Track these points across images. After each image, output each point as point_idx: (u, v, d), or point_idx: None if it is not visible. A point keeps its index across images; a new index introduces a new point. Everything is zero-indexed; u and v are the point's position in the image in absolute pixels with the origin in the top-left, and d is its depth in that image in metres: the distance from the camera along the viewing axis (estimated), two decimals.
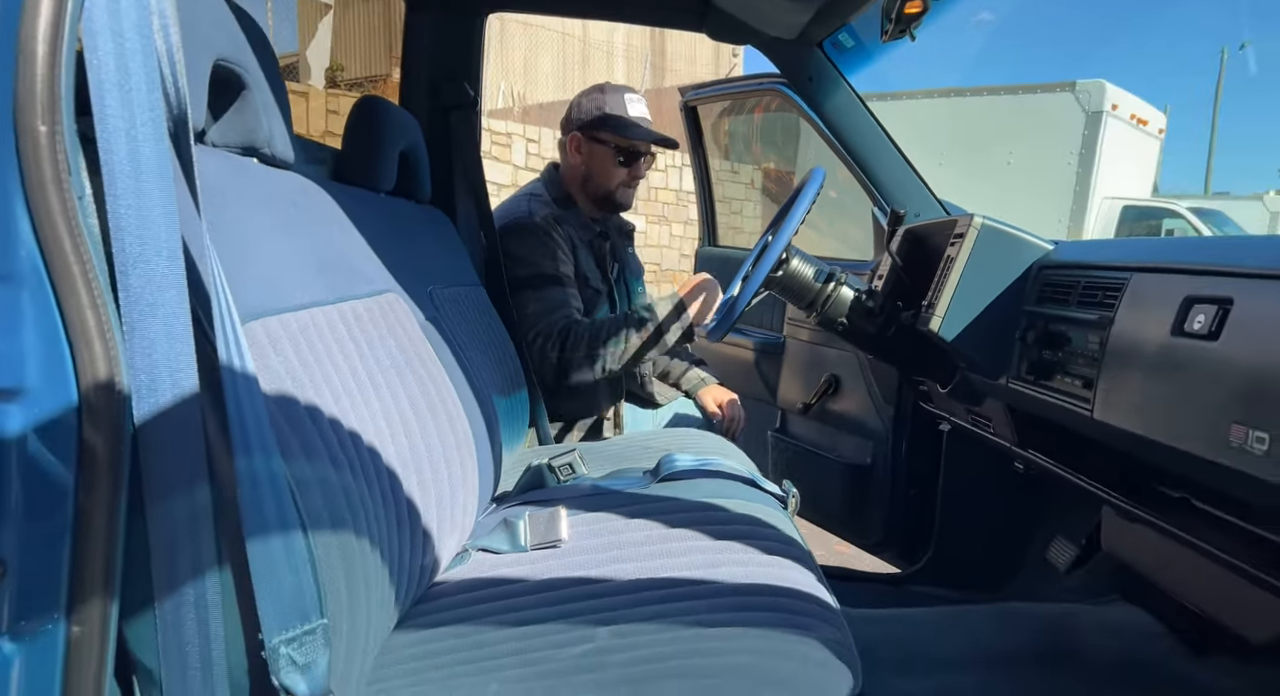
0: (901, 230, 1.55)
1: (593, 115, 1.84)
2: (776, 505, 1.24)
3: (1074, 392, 1.08)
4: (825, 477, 2.10)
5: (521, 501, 1.30)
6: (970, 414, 1.54)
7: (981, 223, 1.30)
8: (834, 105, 1.81)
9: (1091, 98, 9.79)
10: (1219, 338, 0.79)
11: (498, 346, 1.65)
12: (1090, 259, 1.15)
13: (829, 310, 1.51)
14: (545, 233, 1.78)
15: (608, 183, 1.85)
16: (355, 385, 0.93)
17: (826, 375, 2.13)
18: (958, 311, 1.30)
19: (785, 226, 1.42)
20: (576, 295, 1.79)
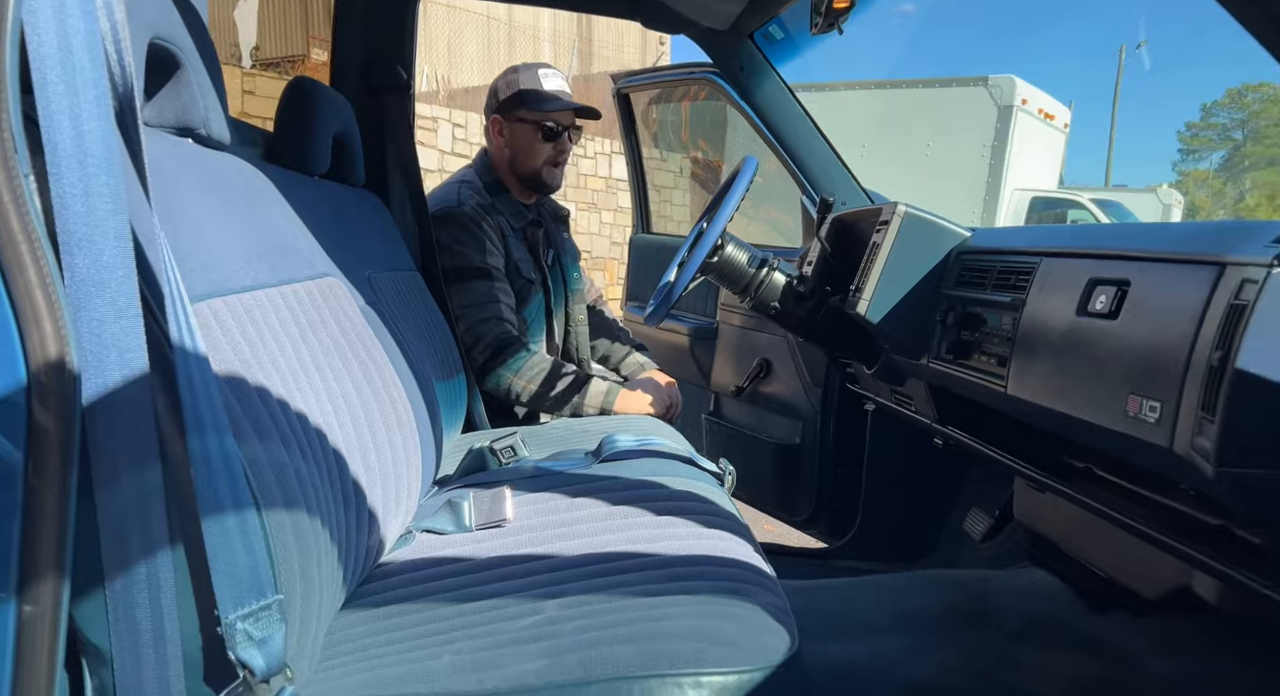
0: (830, 217, 1.62)
1: (508, 94, 1.84)
2: (714, 482, 1.29)
3: (989, 370, 1.16)
4: (757, 457, 2.17)
5: (464, 484, 1.31)
6: (894, 393, 1.62)
7: (905, 211, 1.37)
8: (764, 95, 1.86)
9: (1003, 92, 10.18)
10: (1118, 316, 0.87)
11: (435, 332, 1.65)
12: (1004, 245, 1.23)
13: (762, 295, 1.56)
14: (474, 223, 1.78)
15: (533, 162, 1.84)
16: (300, 367, 0.93)
17: (758, 359, 2.19)
18: (883, 295, 1.37)
19: (720, 213, 1.46)
20: (506, 289, 1.79)
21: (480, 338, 1.73)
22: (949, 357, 1.28)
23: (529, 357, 1.72)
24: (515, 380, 1.71)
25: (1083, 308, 0.94)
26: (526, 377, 1.71)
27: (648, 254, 2.74)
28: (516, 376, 1.71)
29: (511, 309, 1.80)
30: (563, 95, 1.82)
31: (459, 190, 1.84)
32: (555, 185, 1.89)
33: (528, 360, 1.72)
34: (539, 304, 1.89)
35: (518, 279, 1.84)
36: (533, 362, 1.72)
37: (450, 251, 1.76)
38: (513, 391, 1.72)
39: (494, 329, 1.73)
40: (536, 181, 1.86)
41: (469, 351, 1.74)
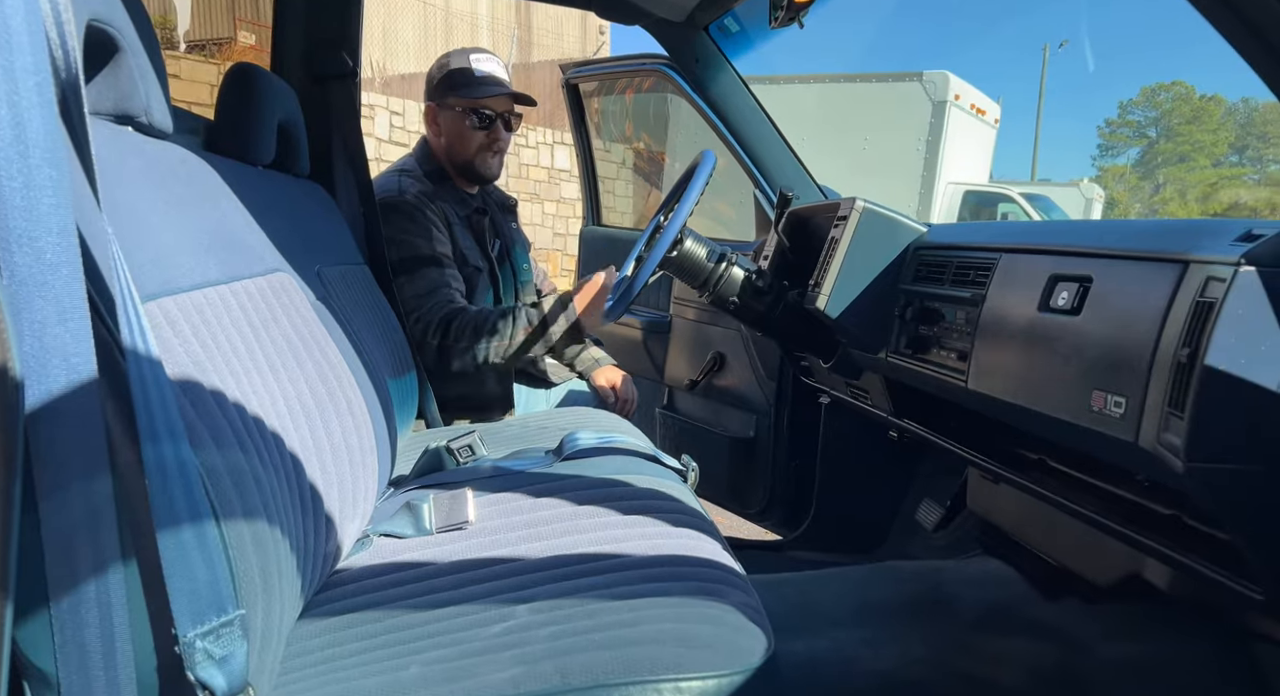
0: (787, 212, 1.62)
1: (440, 81, 1.79)
2: (678, 479, 1.28)
3: (949, 365, 1.17)
4: (712, 451, 2.17)
5: (420, 484, 1.28)
6: (849, 387, 1.63)
7: (864, 206, 1.38)
8: (719, 88, 1.85)
9: (937, 88, 10.41)
10: (1080, 313, 0.89)
11: (385, 327, 1.61)
12: (961, 240, 1.25)
13: (721, 289, 1.56)
14: (417, 211, 1.72)
15: (466, 150, 1.79)
16: (254, 368, 0.88)
17: (712, 352, 2.19)
18: (842, 290, 1.37)
19: (680, 208, 1.45)
20: (456, 275, 1.75)
21: (429, 323, 1.67)
22: (907, 352, 1.30)
23: (469, 313, 1.65)
24: (476, 345, 1.63)
25: (1044, 303, 0.96)
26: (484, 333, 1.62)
27: (598, 247, 2.71)
28: (470, 342, 1.63)
29: (462, 295, 1.76)
30: (495, 80, 1.77)
31: (399, 179, 1.79)
32: (492, 174, 1.83)
33: (468, 316, 1.64)
34: (488, 294, 1.85)
35: (465, 267, 1.79)
36: (477, 317, 1.64)
37: (396, 243, 1.71)
38: (480, 357, 1.64)
39: (441, 311, 1.68)
40: (471, 170, 1.81)
41: (421, 342, 1.68)
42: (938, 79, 10.36)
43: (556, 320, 1.66)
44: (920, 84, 10.42)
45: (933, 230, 1.37)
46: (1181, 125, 56.97)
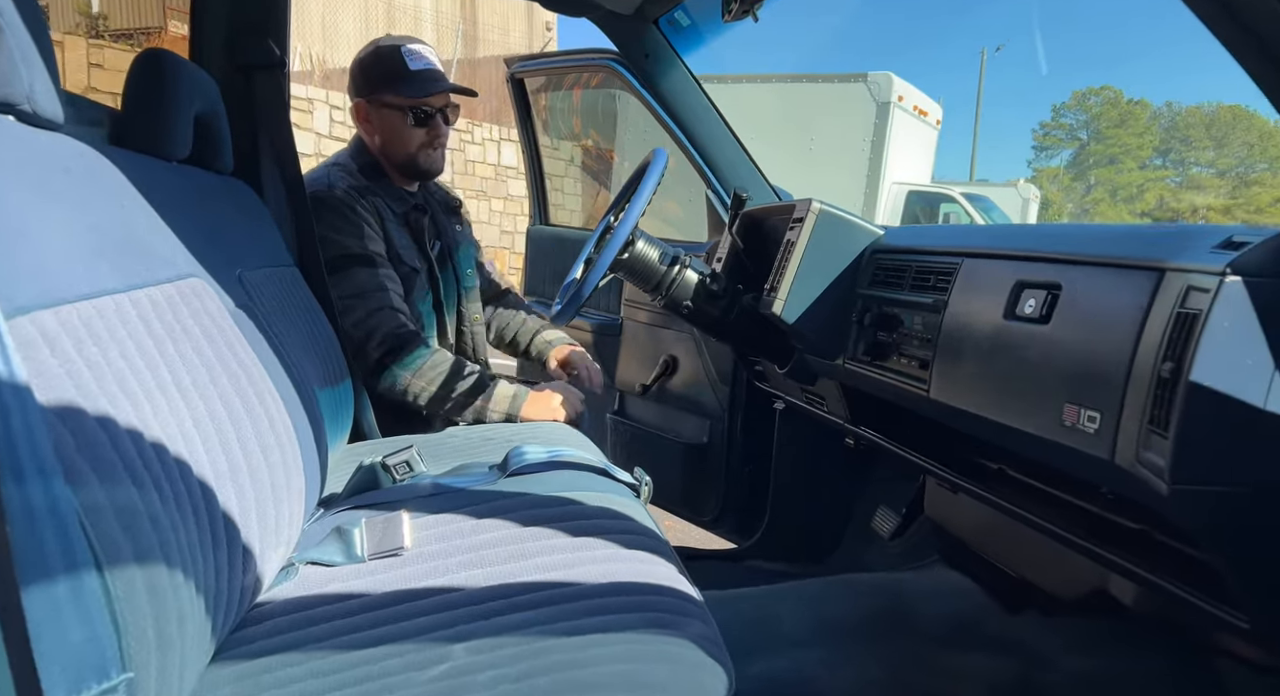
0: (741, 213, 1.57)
1: (370, 77, 1.69)
2: (630, 494, 1.22)
3: (910, 373, 1.13)
4: (664, 457, 2.11)
5: (353, 505, 1.19)
6: (804, 392, 1.59)
7: (820, 208, 1.33)
8: (669, 84, 1.79)
9: (881, 89, 10.54)
10: (1049, 321, 0.85)
11: (317, 333, 1.51)
12: (920, 244, 1.21)
13: (674, 293, 1.50)
14: (347, 206, 1.63)
15: (405, 149, 1.69)
16: (157, 388, 0.79)
17: (664, 356, 2.14)
18: (798, 295, 1.33)
19: (631, 208, 1.39)
20: (392, 275, 1.65)
21: (373, 332, 1.59)
22: (866, 359, 1.25)
23: (428, 355, 1.60)
24: (413, 380, 1.58)
25: (1010, 311, 0.92)
26: (426, 378, 1.59)
27: (546, 246, 2.63)
28: (414, 376, 1.58)
29: (401, 298, 1.66)
30: (433, 75, 1.67)
31: (329, 173, 1.69)
32: (435, 169, 1.74)
33: (427, 358, 1.59)
34: (426, 297, 1.76)
35: (400, 266, 1.69)
36: (433, 362, 1.59)
37: (325, 240, 1.61)
38: (409, 392, 1.59)
39: (389, 322, 1.59)
40: (413, 168, 1.71)
41: (360, 348, 1.59)
42: (881, 80, 10.49)
43: (500, 406, 1.61)
44: (865, 85, 10.53)
45: (889, 233, 1.33)
46: (1110, 128, 59.14)
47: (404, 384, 1.58)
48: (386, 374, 1.59)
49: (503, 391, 1.61)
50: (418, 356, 1.59)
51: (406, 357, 1.58)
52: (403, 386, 1.59)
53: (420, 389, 1.58)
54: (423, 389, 1.58)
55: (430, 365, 1.59)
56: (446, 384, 1.58)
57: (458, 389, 1.59)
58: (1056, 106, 63.55)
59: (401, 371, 1.58)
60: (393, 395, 1.61)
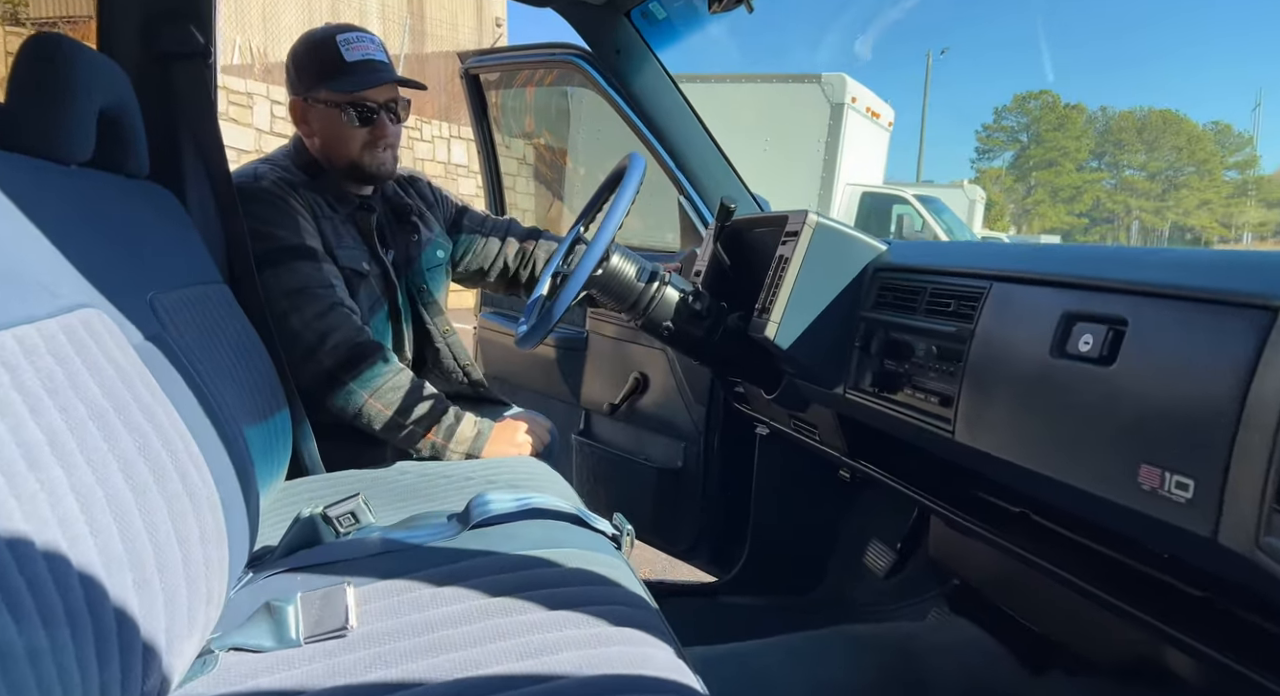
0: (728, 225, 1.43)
1: (303, 72, 1.51)
2: (609, 546, 1.07)
3: (927, 410, 1.00)
4: (634, 482, 1.97)
5: (289, 567, 1.02)
6: (794, 420, 1.46)
7: (817, 221, 1.20)
8: (641, 82, 1.65)
9: (834, 90, 10.55)
10: (1114, 362, 0.73)
11: (249, 359, 1.33)
12: (933, 262, 1.09)
13: (653, 313, 1.35)
14: (277, 197, 1.44)
15: (348, 150, 1.51)
16: (24, 459, 0.62)
17: (634, 373, 1.99)
18: (794, 317, 1.20)
19: (609, 219, 1.24)
20: (335, 272, 1.47)
21: (327, 334, 1.40)
22: (871, 390, 1.13)
23: (389, 373, 1.42)
24: (370, 401, 1.41)
25: (1059, 347, 0.80)
26: (384, 400, 1.41)
27: None
28: (373, 395, 1.40)
29: (346, 294, 1.49)
30: (370, 66, 1.48)
31: (257, 167, 1.50)
32: (385, 171, 1.54)
33: (388, 377, 1.41)
34: (382, 307, 1.58)
35: (340, 270, 1.50)
36: (394, 382, 1.42)
37: (256, 234, 1.42)
38: (364, 415, 1.41)
39: (345, 325, 1.41)
40: (359, 171, 1.53)
41: (311, 352, 1.40)
42: (835, 81, 10.50)
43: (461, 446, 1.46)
44: (819, 86, 10.54)
45: (894, 248, 1.21)
46: (1049, 131, 60.86)
47: (359, 404, 1.41)
48: (341, 390, 1.41)
49: (465, 429, 1.44)
50: (378, 372, 1.41)
51: (366, 372, 1.41)
52: (357, 406, 1.41)
53: (376, 412, 1.41)
54: (378, 412, 1.41)
55: (391, 385, 1.41)
56: (405, 410, 1.41)
57: (417, 418, 1.42)
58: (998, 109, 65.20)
59: (359, 388, 1.40)
60: (343, 415, 1.43)
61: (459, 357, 1.68)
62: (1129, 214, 62.57)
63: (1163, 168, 61.86)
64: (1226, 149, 61.48)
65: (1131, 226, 64.28)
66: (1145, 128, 61.76)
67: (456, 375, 1.69)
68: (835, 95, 10.44)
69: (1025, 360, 0.84)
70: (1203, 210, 61.07)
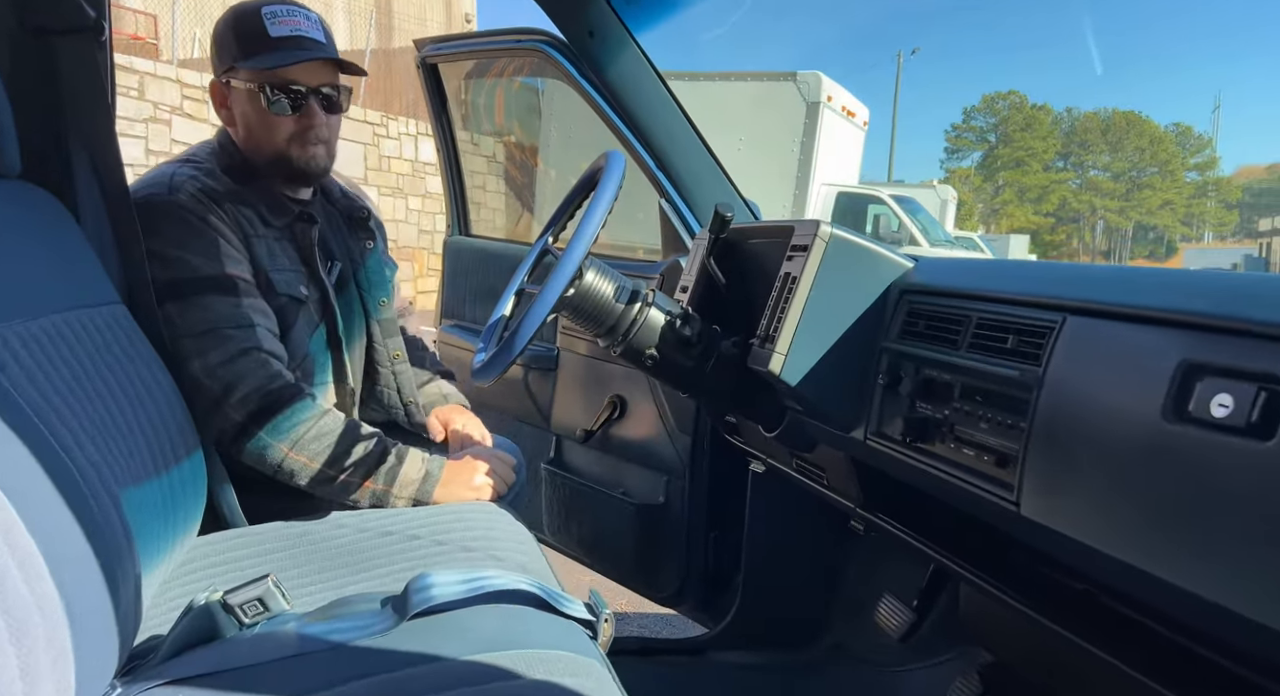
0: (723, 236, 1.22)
1: (224, 48, 1.28)
2: (583, 638, 0.87)
3: (980, 471, 0.81)
4: (611, 519, 1.76)
5: (172, 677, 0.80)
6: (797, 460, 1.26)
7: (831, 233, 1.00)
8: (618, 71, 1.44)
9: (810, 88, 10.42)
10: (1272, 436, 0.53)
11: (149, 393, 1.11)
12: (974, 285, 0.89)
13: (635, 340, 1.15)
14: (194, 215, 1.21)
15: (271, 140, 1.28)
16: None
17: (610, 396, 1.78)
18: (803, 348, 1.00)
19: (582, 230, 1.03)
20: (262, 308, 1.24)
21: (234, 384, 1.18)
22: (898, 438, 0.93)
23: (311, 419, 1.20)
24: (290, 453, 1.19)
25: (1178, 409, 0.60)
26: (307, 451, 1.19)
27: (466, 261, 2.25)
28: (293, 448, 1.19)
29: (276, 337, 1.26)
30: (298, 42, 1.26)
31: (174, 171, 1.27)
32: (315, 169, 1.31)
33: (310, 424, 1.19)
34: (319, 333, 1.36)
35: (275, 296, 1.29)
36: (318, 428, 1.20)
37: (164, 260, 1.19)
38: (285, 467, 1.19)
39: (257, 372, 1.19)
40: (287, 167, 1.30)
41: (216, 405, 1.18)
42: (811, 80, 10.38)
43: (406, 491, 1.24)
44: (794, 84, 10.40)
45: (921, 266, 1.01)
46: (1016, 132, 61.65)
47: (277, 457, 1.19)
48: (253, 442, 1.19)
49: (409, 471, 1.23)
50: (296, 420, 1.19)
51: (282, 421, 1.19)
52: (275, 460, 1.19)
53: (300, 466, 1.19)
54: (303, 466, 1.19)
55: (314, 433, 1.19)
56: (335, 459, 1.20)
57: (350, 466, 1.20)
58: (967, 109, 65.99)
59: (274, 440, 1.18)
60: (262, 468, 1.21)
61: (403, 391, 1.47)
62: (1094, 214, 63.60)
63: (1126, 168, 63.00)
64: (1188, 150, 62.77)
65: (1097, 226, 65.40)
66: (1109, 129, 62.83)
67: (397, 411, 1.48)
68: (811, 93, 10.31)
69: (1124, 421, 0.64)
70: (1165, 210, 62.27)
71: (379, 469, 1.20)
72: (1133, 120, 62.83)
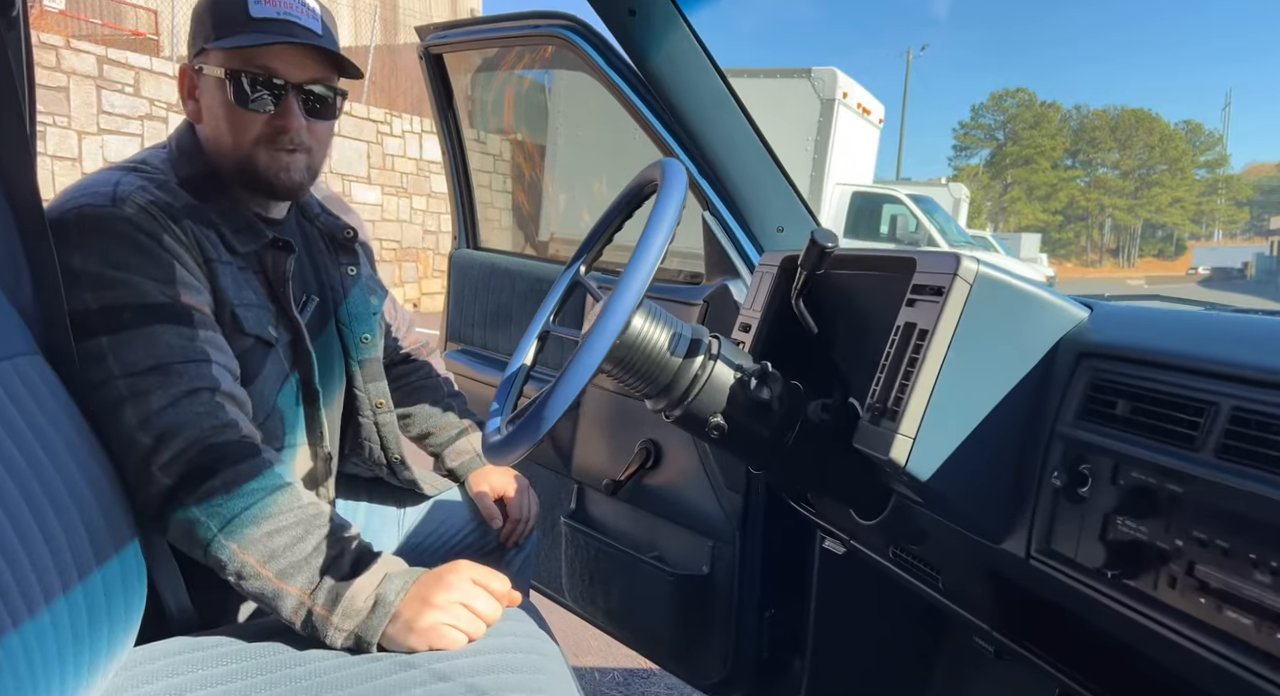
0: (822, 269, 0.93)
1: (199, 30, 1.03)
2: None
3: (1233, 635, 0.54)
4: (645, 589, 1.50)
5: None
6: (896, 552, 0.99)
7: (977, 271, 0.74)
8: (665, 57, 1.17)
9: (825, 85, 10.16)
10: None
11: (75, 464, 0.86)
12: (1204, 354, 0.62)
13: (696, 403, 0.88)
14: (138, 229, 0.94)
15: (235, 141, 1.02)
16: None
17: (642, 441, 1.52)
18: (939, 429, 0.73)
19: (636, 267, 0.77)
20: (218, 343, 0.97)
21: (167, 436, 0.90)
22: (1098, 571, 0.66)
23: (260, 491, 0.91)
24: (221, 535, 0.88)
25: None
26: (242, 538, 0.88)
27: (475, 278, 1.98)
28: (224, 529, 0.88)
29: (235, 378, 0.99)
30: (284, 26, 1.01)
31: (118, 179, 0.99)
32: (284, 183, 1.05)
33: (255, 497, 0.90)
34: (290, 384, 1.10)
35: (242, 338, 1.03)
36: (264, 506, 0.90)
37: (96, 283, 0.92)
38: (213, 554, 0.89)
39: (200, 421, 0.91)
40: (251, 176, 1.03)
41: (144, 463, 0.90)
42: (826, 76, 10.12)
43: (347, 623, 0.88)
44: (809, 81, 10.14)
45: (1099, 316, 0.75)
46: (1024, 130, 61.29)
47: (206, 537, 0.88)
48: (180, 514, 0.90)
49: (355, 600, 0.88)
50: (241, 489, 0.90)
51: (220, 488, 0.89)
52: (204, 541, 0.88)
53: (229, 555, 0.89)
54: (231, 555, 0.89)
55: (259, 513, 0.89)
56: (275, 555, 0.90)
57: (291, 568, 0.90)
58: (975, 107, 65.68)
59: (205, 515, 0.88)
60: (189, 551, 0.92)
61: (388, 446, 1.22)
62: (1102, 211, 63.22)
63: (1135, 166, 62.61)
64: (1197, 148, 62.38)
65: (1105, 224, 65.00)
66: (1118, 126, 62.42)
67: (380, 469, 1.22)
68: (826, 90, 10.04)
69: None
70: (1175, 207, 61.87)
71: (321, 581, 0.89)
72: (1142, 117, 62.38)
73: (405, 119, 10.14)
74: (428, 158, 10.38)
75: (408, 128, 10.15)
